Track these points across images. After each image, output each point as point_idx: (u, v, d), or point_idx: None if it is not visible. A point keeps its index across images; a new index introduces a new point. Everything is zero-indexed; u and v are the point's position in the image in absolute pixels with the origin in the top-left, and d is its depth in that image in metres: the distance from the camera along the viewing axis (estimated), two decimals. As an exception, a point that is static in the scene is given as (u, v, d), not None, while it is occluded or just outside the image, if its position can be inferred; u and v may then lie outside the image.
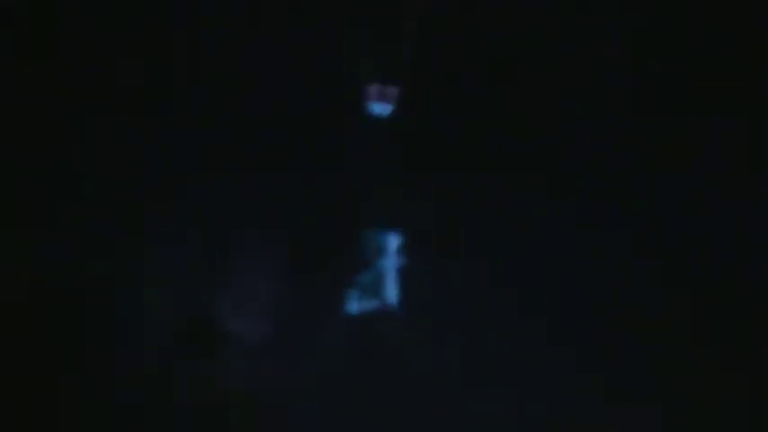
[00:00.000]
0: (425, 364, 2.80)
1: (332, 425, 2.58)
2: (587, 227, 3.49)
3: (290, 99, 3.13)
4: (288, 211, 2.80)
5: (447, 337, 2.90)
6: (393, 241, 2.63)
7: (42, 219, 3.00)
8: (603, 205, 3.51)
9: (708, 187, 3.54)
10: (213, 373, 2.61)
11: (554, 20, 3.45)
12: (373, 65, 3.14)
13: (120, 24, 3.40)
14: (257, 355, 2.57)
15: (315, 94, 3.08)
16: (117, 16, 3.38)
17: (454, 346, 2.92)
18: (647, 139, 3.55)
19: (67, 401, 2.76)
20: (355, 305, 2.55)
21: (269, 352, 2.61)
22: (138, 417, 2.65)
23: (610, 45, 3.51)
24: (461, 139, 3.26)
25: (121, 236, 2.91)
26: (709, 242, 3.53)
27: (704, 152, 3.52)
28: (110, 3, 3.38)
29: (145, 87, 3.32)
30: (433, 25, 3.30)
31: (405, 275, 2.69)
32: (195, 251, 2.77)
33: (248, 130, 3.08)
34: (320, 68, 3.14)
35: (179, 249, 2.76)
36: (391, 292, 2.57)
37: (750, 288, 3.48)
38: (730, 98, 3.50)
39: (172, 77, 3.25)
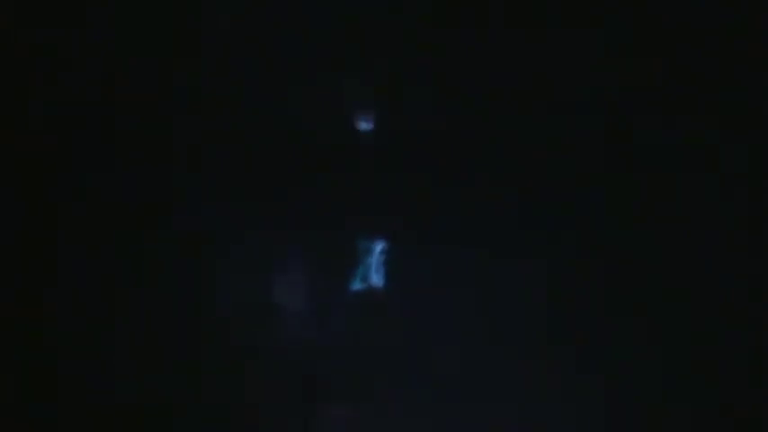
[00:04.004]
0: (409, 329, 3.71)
1: (348, 367, 3.66)
2: (575, 225, 3.56)
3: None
4: (310, 225, 3.69)
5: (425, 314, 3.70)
6: (378, 245, 3.71)
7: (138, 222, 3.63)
8: (591, 202, 3.58)
9: (707, 188, 3.56)
10: (270, 335, 3.66)
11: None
12: (359, 88, 3.71)
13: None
14: (297, 322, 3.67)
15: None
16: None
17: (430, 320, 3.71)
18: (634, 139, 3.58)
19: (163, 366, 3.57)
20: (354, 286, 3.70)
21: (304, 319, 3.67)
22: (218, 363, 3.59)
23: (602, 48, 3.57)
24: (443, 150, 3.68)
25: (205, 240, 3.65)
26: (708, 244, 3.55)
27: (704, 153, 3.55)
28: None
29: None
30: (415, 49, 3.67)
31: (387, 268, 3.70)
32: (254, 253, 3.68)
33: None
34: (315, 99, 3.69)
35: (243, 251, 3.68)
36: (377, 279, 3.69)
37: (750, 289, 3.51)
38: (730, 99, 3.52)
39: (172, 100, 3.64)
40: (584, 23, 3.55)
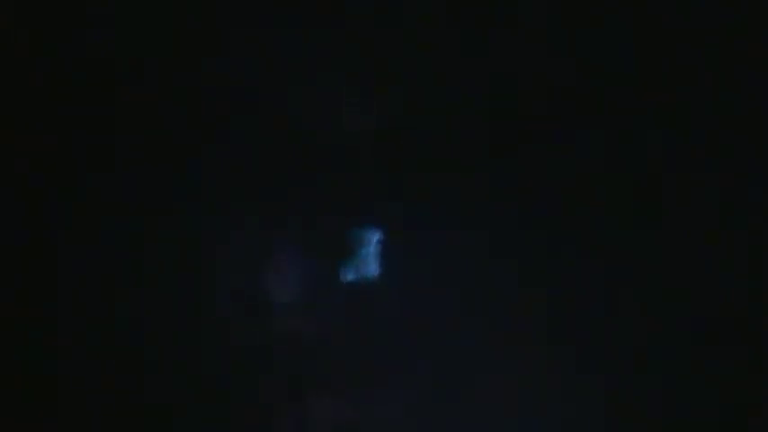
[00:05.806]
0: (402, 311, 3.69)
1: (340, 357, 3.63)
2: (574, 223, 3.58)
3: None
4: (302, 217, 3.68)
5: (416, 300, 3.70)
6: (374, 235, 3.70)
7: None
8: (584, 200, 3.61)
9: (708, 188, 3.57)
10: (259, 324, 3.64)
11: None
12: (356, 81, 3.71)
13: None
14: (287, 313, 3.66)
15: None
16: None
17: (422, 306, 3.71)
18: (633, 139, 3.60)
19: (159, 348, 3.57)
20: (348, 276, 3.69)
21: (295, 310, 3.66)
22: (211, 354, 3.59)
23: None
24: (442, 145, 3.69)
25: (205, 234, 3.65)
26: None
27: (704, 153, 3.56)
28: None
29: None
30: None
31: (382, 258, 3.69)
32: (248, 246, 3.67)
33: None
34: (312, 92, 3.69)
35: (237, 245, 3.68)
36: (372, 269, 3.67)
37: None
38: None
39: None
40: (584, 23, 3.57)
